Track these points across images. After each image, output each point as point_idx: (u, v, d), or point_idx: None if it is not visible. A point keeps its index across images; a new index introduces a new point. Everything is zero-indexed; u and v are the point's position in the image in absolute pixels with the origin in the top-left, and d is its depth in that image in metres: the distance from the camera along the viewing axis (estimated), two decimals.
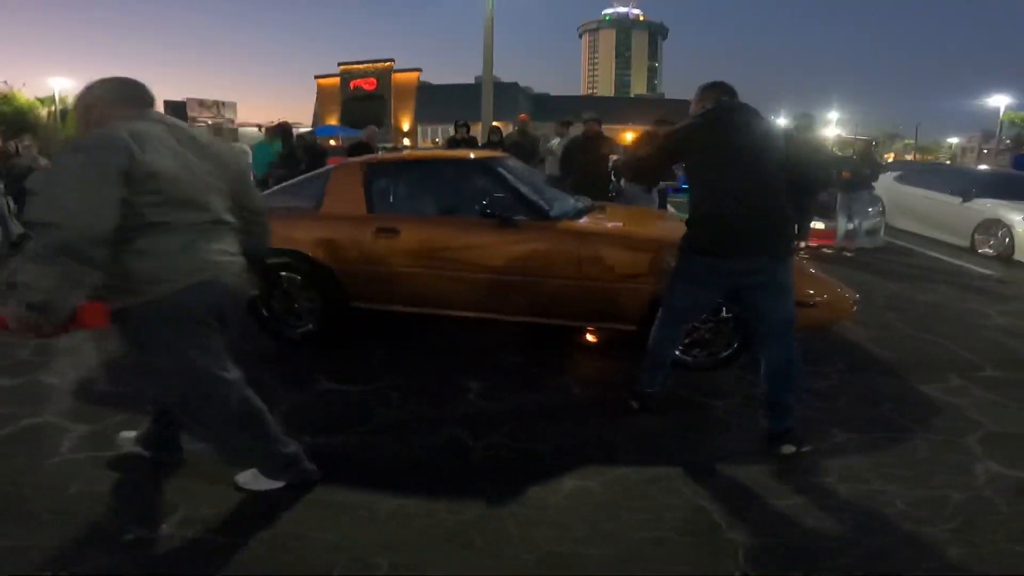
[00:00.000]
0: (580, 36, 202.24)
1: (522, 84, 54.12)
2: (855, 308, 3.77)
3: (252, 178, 8.30)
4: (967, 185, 9.05)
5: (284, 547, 2.21)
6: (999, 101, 43.56)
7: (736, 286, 2.87)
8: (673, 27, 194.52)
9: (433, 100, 48.60)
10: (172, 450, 2.69)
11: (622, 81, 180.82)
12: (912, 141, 66.38)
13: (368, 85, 51.03)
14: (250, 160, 8.53)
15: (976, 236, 8.52)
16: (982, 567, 2.15)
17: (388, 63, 51.53)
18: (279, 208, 4.33)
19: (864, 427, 3.13)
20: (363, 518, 2.39)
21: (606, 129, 7.65)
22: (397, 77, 51.62)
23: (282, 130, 8.56)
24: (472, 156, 4.49)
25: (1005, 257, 8.03)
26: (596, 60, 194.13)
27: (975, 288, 6.45)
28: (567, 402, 3.46)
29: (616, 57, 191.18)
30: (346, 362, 3.94)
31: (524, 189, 4.03)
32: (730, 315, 3.65)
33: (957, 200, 8.94)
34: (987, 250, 8.33)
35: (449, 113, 9.32)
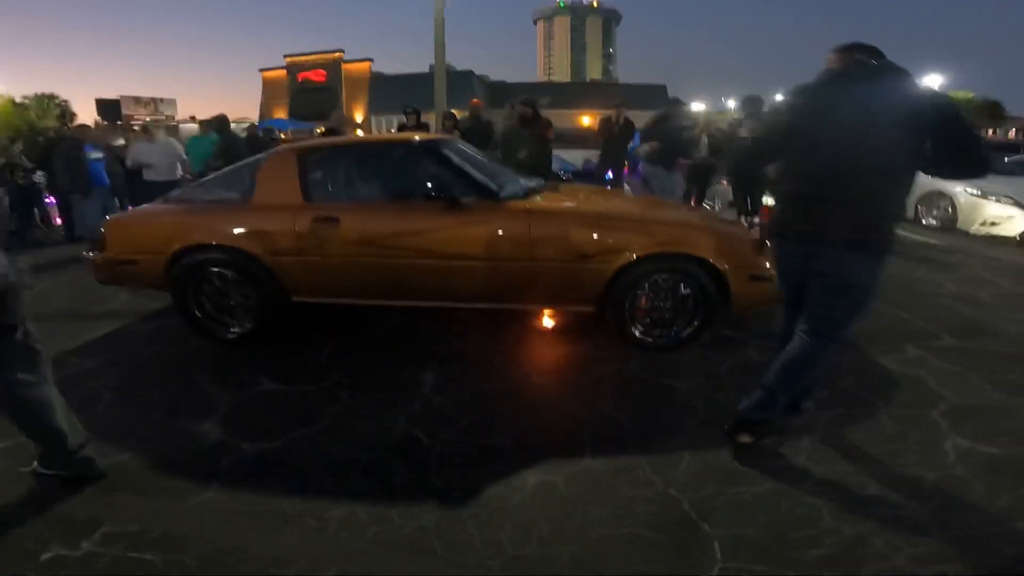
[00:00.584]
0: (535, 23, 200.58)
1: (478, 72, 53.37)
2: None
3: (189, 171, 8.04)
4: None
5: (221, 563, 1.98)
6: (933, 81, 44.55)
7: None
8: (627, 13, 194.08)
9: (386, 90, 47.62)
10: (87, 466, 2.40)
11: (578, 67, 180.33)
12: None
13: (317, 77, 49.42)
14: (182, 155, 8.28)
15: (919, 207, 8.52)
16: (964, 554, 2.02)
17: (337, 54, 50.04)
18: (205, 201, 4.05)
19: (826, 403, 3.01)
20: (310, 528, 2.17)
21: (563, 114, 7.48)
22: (348, 68, 50.12)
23: (219, 123, 8.12)
24: (415, 138, 4.22)
25: (948, 227, 8.11)
26: (551, 47, 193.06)
27: (922, 258, 6.46)
28: (525, 391, 3.24)
29: (571, 44, 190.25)
30: (290, 361, 3.65)
31: (470, 170, 3.82)
32: (688, 291, 3.50)
33: None
34: (931, 220, 8.41)
35: (403, 103, 8.91)
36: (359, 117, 46.44)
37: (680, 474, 2.46)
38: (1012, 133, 43.18)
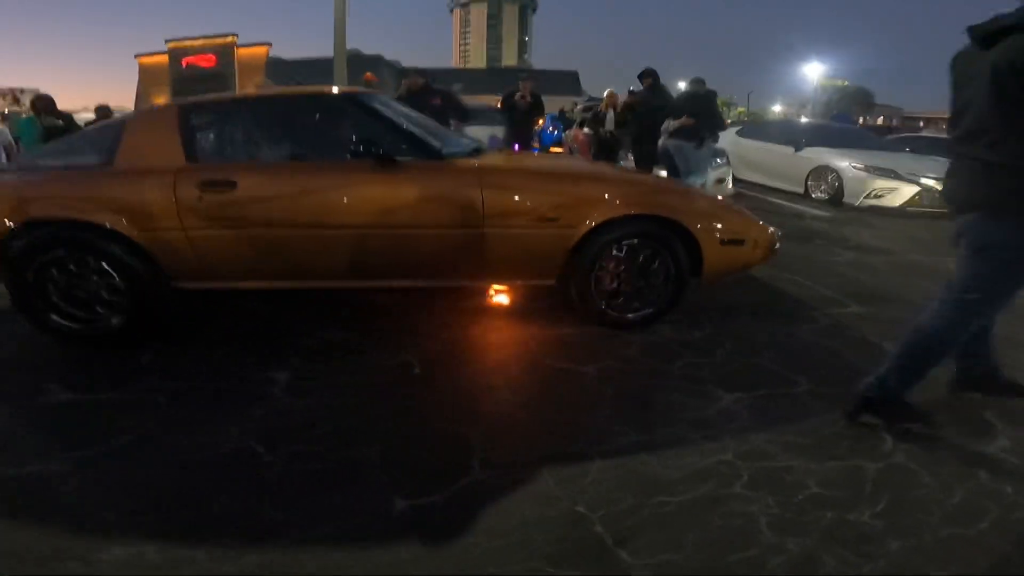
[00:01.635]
0: (451, 11, 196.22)
1: (391, 58, 51.12)
2: (779, 245, 3.25)
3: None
4: (798, 136, 9.11)
5: None
6: (815, 70, 46.67)
7: None
8: (543, 1, 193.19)
9: (285, 76, 44.03)
10: None
11: (493, 54, 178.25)
12: (745, 109, 70.11)
13: (205, 62, 45.10)
14: (8, 138, 7.21)
15: (809, 182, 8.56)
16: (930, 564, 1.61)
17: (230, 38, 46.18)
18: (50, 167, 3.05)
19: (749, 383, 2.58)
20: (72, 574, 1.50)
21: (477, 99, 7.04)
22: (242, 52, 46.23)
23: (43, 103, 6.96)
24: (335, 90, 3.38)
25: (836, 200, 8.16)
26: (468, 34, 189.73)
27: (816, 230, 6.38)
28: (403, 388, 2.57)
29: (488, 31, 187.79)
30: (98, 361, 2.79)
31: (407, 125, 3.13)
32: (659, 259, 3.02)
33: (790, 150, 8.92)
34: (820, 194, 8.45)
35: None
36: None
37: (590, 484, 1.92)
38: (881, 119, 45.98)
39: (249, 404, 2.37)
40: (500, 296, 3.57)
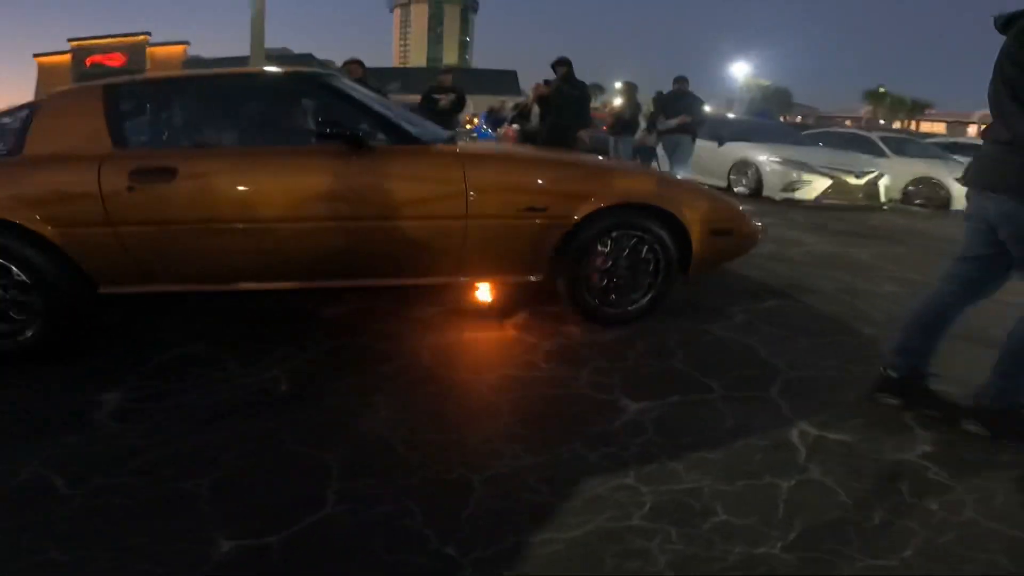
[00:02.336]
0: (392, 11, 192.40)
1: (324, 57, 49.40)
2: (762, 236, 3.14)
3: None
4: (721, 131, 8.98)
5: None
6: (741, 70, 47.86)
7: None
8: (484, 2, 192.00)
9: None
10: None
11: (434, 54, 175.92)
12: None
13: (112, 61, 41.93)
14: None
15: (731, 176, 8.51)
16: None
17: (142, 37, 43.57)
18: None
19: (659, 390, 2.30)
20: None
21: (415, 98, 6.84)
22: (156, 51, 43.55)
23: None
24: (293, 69, 2.99)
25: (756, 193, 8.16)
26: (408, 34, 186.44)
27: None
28: (257, 409, 2.14)
29: (429, 31, 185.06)
30: None
31: (378, 107, 2.74)
32: (648, 251, 2.80)
33: (714, 144, 8.79)
34: (741, 188, 8.46)
35: None
36: None
37: (467, 519, 1.58)
38: (799, 119, 47.76)
39: (63, 431, 1.91)
40: (483, 294, 3.15)
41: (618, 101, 9.91)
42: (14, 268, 2.33)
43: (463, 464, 1.81)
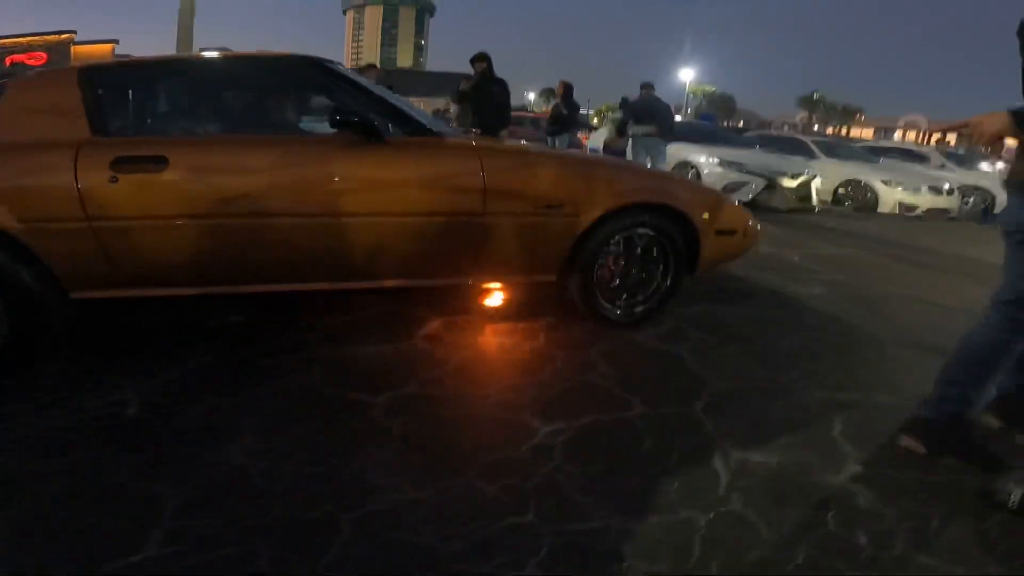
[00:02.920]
0: (344, 12, 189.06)
1: None
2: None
3: None
4: None
5: None
6: (685, 76, 48.79)
7: None
8: (441, 4, 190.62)
9: None
10: None
11: (388, 57, 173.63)
12: (620, 114, 72.50)
13: (34, 60, 39.58)
14: None
15: None
16: None
17: (66, 35, 41.37)
18: None
19: (573, 410, 2.04)
20: None
21: None
22: (81, 50, 41.25)
23: None
24: (288, 53, 2.64)
25: None
26: (361, 37, 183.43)
27: None
28: (93, 437, 1.76)
29: (382, 34, 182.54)
30: None
31: (388, 97, 2.54)
32: (658, 251, 2.72)
33: None
34: None
35: None
36: None
37: (324, 567, 1.29)
38: (741, 124, 49.04)
39: None
40: (495, 297, 2.94)
41: (542, 103, 9.86)
42: None
43: (332, 500, 1.51)
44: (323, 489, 1.55)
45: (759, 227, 3.06)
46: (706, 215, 2.75)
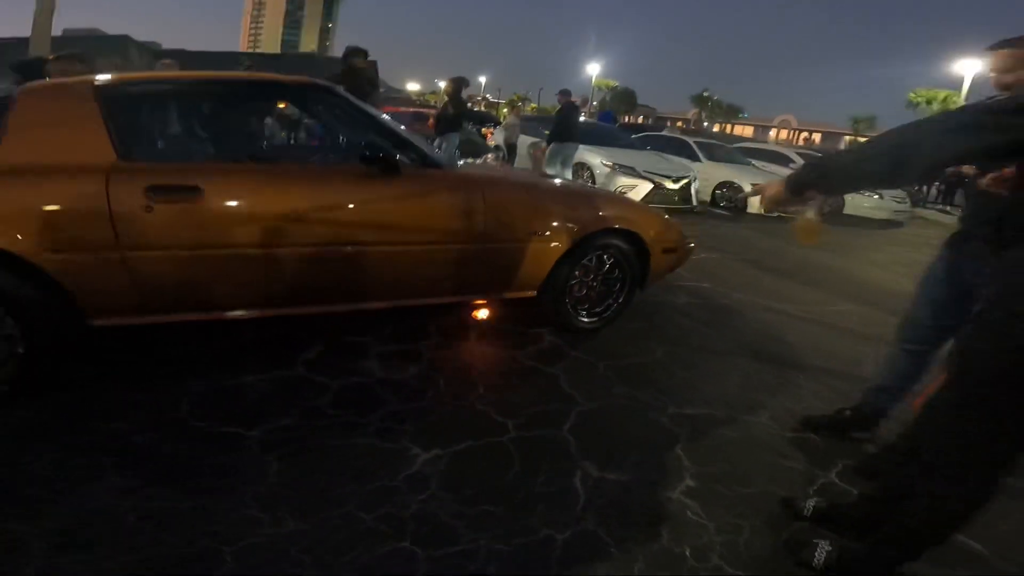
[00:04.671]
0: None
1: (146, 39, 43.46)
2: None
3: None
4: None
5: None
6: (592, 70, 49.77)
7: None
8: None
9: None
10: None
11: (291, 40, 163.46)
12: (535, 105, 72.77)
13: None
14: None
15: (572, 176, 8.54)
16: None
17: None
18: None
19: (452, 435, 2.15)
20: None
21: None
22: None
23: None
24: (297, 79, 2.71)
25: None
26: (261, 18, 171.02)
27: None
28: None
29: (286, 15, 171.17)
30: None
31: (397, 127, 2.67)
32: (617, 267, 3.12)
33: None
34: None
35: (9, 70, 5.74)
36: None
37: None
38: (641, 118, 50.87)
39: None
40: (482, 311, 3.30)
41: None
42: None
43: (210, 535, 1.54)
44: (200, 524, 1.57)
45: (692, 246, 3.50)
46: (654, 235, 3.15)
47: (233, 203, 2.16)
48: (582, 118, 9.06)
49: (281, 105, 5.87)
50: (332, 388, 2.33)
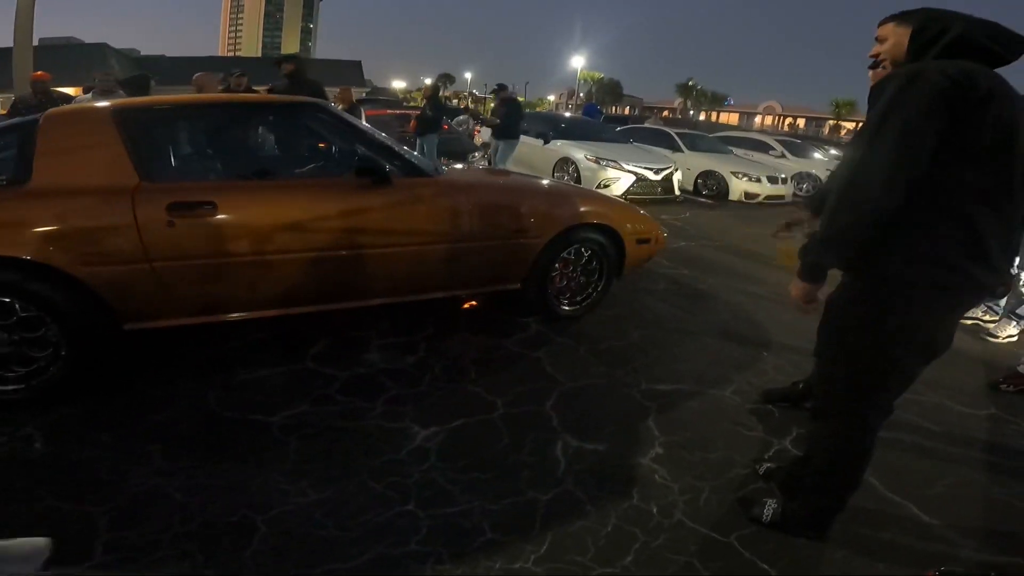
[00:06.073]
0: None
1: (125, 46, 42.86)
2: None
3: None
4: (546, 129, 9.36)
5: None
6: (577, 63, 49.71)
7: None
8: None
9: None
10: None
11: (271, 42, 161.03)
12: (523, 97, 72.56)
13: None
14: None
15: (556, 172, 8.79)
16: None
17: None
18: None
19: (447, 414, 2.40)
20: None
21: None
22: None
23: None
24: (292, 99, 3.20)
25: None
26: (240, 21, 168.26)
27: None
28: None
29: (265, 17, 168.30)
30: None
31: (385, 139, 2.92)
32: (595, 258, 3.37)
33: (540, 143, 9.09)
34: None
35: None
36: None
37: (249, 557, 1.57)
38: (627, 109, 50.81)
39: None
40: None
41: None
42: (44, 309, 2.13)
43: (246, 506, 1.78)
44: (238, 498, 1.81)
45: (665, 235, 3.74)
46: (629, 227, 3.40)
47: (244, 216, 2.38)
48: (567, 113, 9.24)
49: None
50: (340, 378, 2.57)
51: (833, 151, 14.09)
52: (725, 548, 1.79)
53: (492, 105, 8.85)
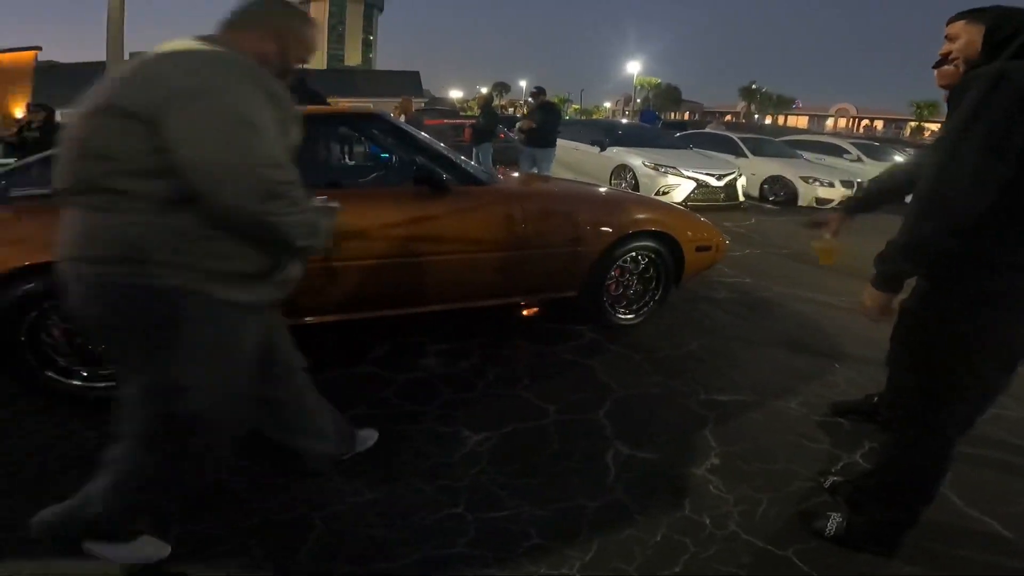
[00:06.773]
0: None
1: None
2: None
3: None
4: (602, 137, 9.34)
5: None
6: (633, 68, 49.27)
7: None
8: (389, 1, 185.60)
9: (60, 80, 37.10)
10: None
11: (335, 54, 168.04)
12: (579, 105, 72.64)
13: None
14: None
15: (612, 180, 8.73)
16: None
17: None
18: (24, 198, 2.31)
19: (499, 419, 2.41)
20: None
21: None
22: (2, 59, 38.87)
23: None
24: (356, 110, 3.30)
25: None
26: None
27: None
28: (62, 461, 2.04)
29: (330, 31, 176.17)
30: None
31: (442, 149, 3.00)
32: (651, 267, 3.37)
33: (596, 150, 9.07)
34: None
35: (80, 94, 6.26)
36: (19, 112, 36.69)
37: (304, 555, 1.63)
38: (687, 115, 49.92)
39: None
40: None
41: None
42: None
43: (304, 502, 1.85)
44: (297, 496, 1.88)
45: (727, 242, 3.63)
46: (688, 234, 3.35)
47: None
48: (624, 120, 9.13)
49: None
50: (396, 381, 2.64)
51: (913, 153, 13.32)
52: (781, 561, 1.71)
53: (526, 111, 8.68)
